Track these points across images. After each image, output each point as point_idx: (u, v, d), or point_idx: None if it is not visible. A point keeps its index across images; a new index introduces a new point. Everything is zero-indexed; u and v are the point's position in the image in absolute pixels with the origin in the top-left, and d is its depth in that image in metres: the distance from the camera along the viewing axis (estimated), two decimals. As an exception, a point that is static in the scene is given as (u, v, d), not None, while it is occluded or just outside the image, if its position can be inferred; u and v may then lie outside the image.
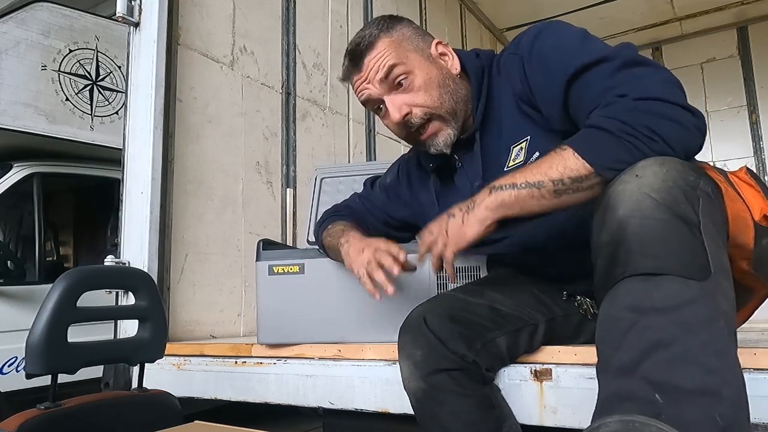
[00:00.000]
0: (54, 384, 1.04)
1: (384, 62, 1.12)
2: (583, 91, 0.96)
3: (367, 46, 1.14)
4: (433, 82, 1.13)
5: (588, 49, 0.99)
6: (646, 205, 0.76)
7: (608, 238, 0.79)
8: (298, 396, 1.44)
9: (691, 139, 0.86)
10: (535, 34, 1.08)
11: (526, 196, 0.91)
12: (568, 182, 0.88)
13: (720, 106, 4.73)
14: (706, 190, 0.81)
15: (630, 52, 0.96)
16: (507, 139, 1.12)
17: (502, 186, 0.93)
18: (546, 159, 0.91)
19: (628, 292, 0.76)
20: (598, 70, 0.95)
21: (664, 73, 0.92)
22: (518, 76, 1.09)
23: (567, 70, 0.98)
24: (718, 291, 0.75)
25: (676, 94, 0.88)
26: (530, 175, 0.91)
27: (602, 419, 0.65)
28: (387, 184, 1.39)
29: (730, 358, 0.72)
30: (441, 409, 1.02)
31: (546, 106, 1.05)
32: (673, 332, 0.71)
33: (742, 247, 0.91)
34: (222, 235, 2.16)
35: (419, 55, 1.15)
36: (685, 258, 0.74)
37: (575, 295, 1.19)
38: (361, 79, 1.15)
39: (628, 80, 0.91)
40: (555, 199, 0.90)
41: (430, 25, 3.81)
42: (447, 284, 1.30)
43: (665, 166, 0.79)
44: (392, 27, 1.16)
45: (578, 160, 0.87)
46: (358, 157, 2.99)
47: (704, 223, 0.77)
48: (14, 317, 2.79)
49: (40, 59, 3.07)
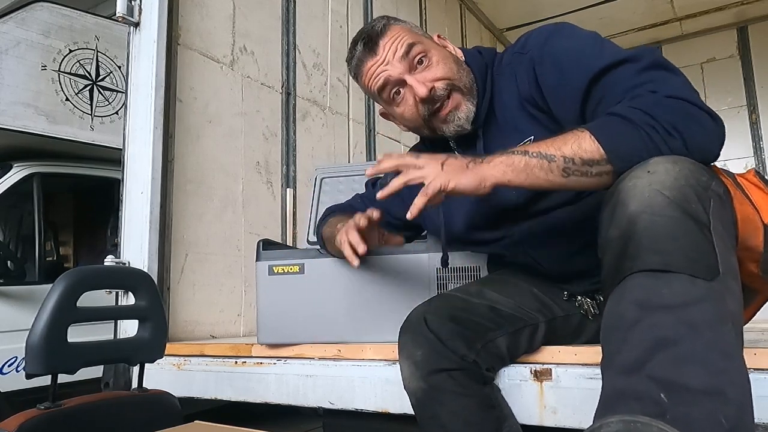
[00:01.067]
0: (54, 384, 1.04)
1: (403, 41, 1.13)
2: (607, 90, 0.95)
3: (381, 29, 1.15)
4: (450, 58, 1.16)
5: (609, 50, 0.99)
6: (657, 201, 0.76)
7: (618, 233, 0.79)
8: (298, 396, 1.44)
9: (710, 145, 0.86)
10: (546, 35, 1.08)
11: (536, 165, 0.88)
12: (579, 163, 0.86)
13: (720, 106, 4.73)
14: (717, 192, 0.81)
15: (655, 55, 0.95)
16: (510, 139, 1.11)
17: (515, 151, 0.92)
18: (561, 136, 0.90)
19: (635, 287, 0.75)
20: (623, 70, 0.95)
21: (686, 80, 0.92)
22: (526, 77, 1.09)
23: (589, 71, 0.97)
24: (726, 292, 0.75)
25: (700, 99, 0.88)
26: (543, 147, 0.89)
27: (604, 419, 0.65)
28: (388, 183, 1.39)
29: (736, 360, 0.72)
30: (441, 409, 1.02)
31: (559, 108, 1.04)
32: (679, 331, 0.70)
33: (751, 249, 0.90)
34: (222, 235, 2.16)
35: (430, 40, 1.19)
36: (694, 257, 0.74)
37: (576, 296, 1.19)
38: (378, 62, 1.14)
39: (655, 79, 0.91)
40: (562, 178, 0.88)
41: (430, 25, 3.81)
42: (447, 284, 1.30)
43: (678, 165, 0.79)
44: (398, 20, 1.19)
45: (593, 143, 0.85)
46: (358, 157, 2.98)
47: (714, 224, 0.77)
48: (14, 317, 2.79)
49: (40, 59, 3.07)
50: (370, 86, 1.17)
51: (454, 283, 1.29)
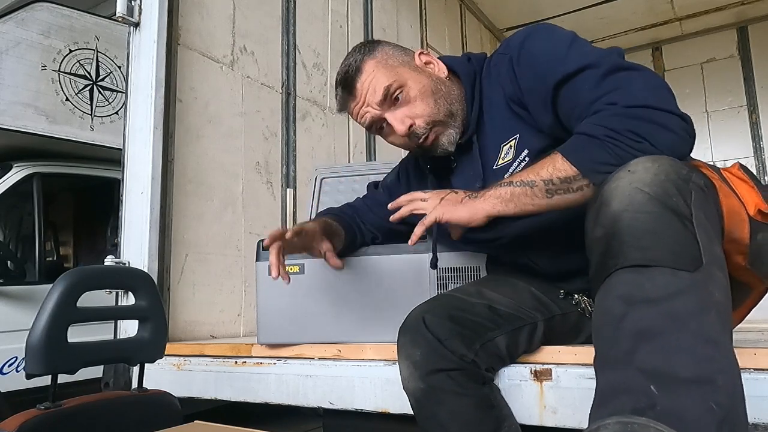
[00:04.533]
0: (54, 384, 1.04)
1: (378, 83, 1.15)
2: (572, 98, 1.00)
3: (355, 71, 1.18)
4: (427, 90, 1.17)
5: (574, 55, 1.01)
6: (638, 199, 0.78)
7: (602, 233, 0.81)
8: (298, 396, 1.44)
9: (680, 142, 0.89)
10: (524, 36, 1.11)
11: (521, 193, 0.96)
12: (558, 182, 0.93)
13: (720, 106, 4.73)
14: (698, 183, 0.82)
15: (615, 58, 0.99)
16: (497, 138, 1.15)
17: (502, 183, 1.00)
18: (538, 163, 0.97)
19: (619, 283, 0.77)
20: (583, 78, 0.98)
21: (651, 78, 0.95)
22: (508, 77, 1.11)
23: (553, 77, 1.01)
24: (710, 281, 0.75)
25: (664, 99, 0.91)
26: (524, 175, 0.97)
27: (601, 420, 0.65)
28: (388, 183, 1.43)
29: (723, 347, 0.72)
30: (440, 408, 1.02)
31: (534, 109, 1.08)
32: (663, 323, 0.72)
33: (737, 242, 0.92)
34: (222, 235, 2.16)
35: (407, 68, 1.19)
36: (676, 249, 0.75)
37: (573, 294, 1.19)
38: (359, 104, 1.19)
39: (614, 87, 0.94)
40: (547, 199, 0.95)
41: (430, 25, 3.81)
42: (446, 284, 1.30)
43: (657, 162, 0.81)
44: (374, 49, 1.20)
45: (565, 163, 0.92)
46: (358, 157, 2.99)
47: (696, 215, 0.78)
48: (14, 317, 2.79)
49: (40, 59, 3.07)
50: (360, 124, 1.23)
51: (454, 283, 1.29)
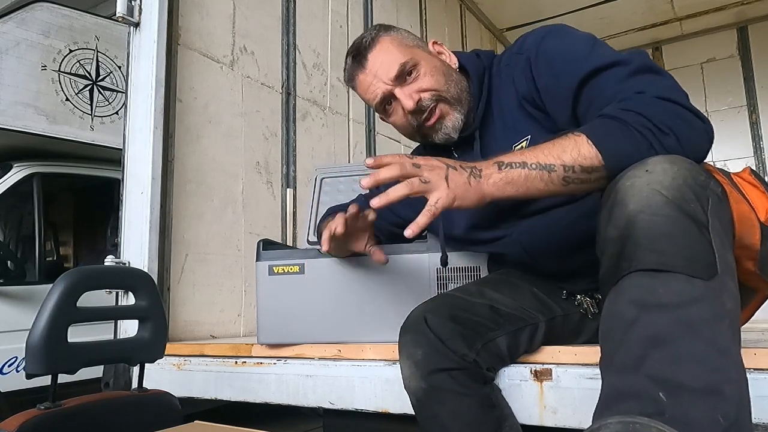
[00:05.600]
0: (54, 384, 1.04)
1: (393, 59, 1.15)
2: (596, 92, 0.98)
3: (369, 42, 1.18)
4: (439, 70, 1.17)
5: (600, 53, 1.01)
6: (655, 201, 0.76)
7: (616, 233, 0.79)
8: (298, 396, 1.44)
9: (701, 143, 0.88)
10: (543, 35, 1.10)
11: (536, 177, 0.87)
12: (579, 170, 0.86)
13: (720, 106, 4.73)
14: (715, 191, 0.81)
15: (644, 59, 0.98)
16: (508, 138, 1.14)
17: (512, 164, 0.89)
18: (559, 142, 0.88)
19: (633, 286, 0.76)
20: (611, 73, 0.97)
21: (675, 83, 0.95)
22: (524, 76, 1.11)
23: (578, 73, 0.99)
24: (724, 291, 0.75)
25: (689, 101, 0.90)
26: (542, 156, 0.87)
27: (603, 419, 0.65)
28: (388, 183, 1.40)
29: (733, 357, 0.72)
30: (441, 408, 1.02)
31: (553, 108, 1.07)
32: (676, 330, 0.71)
33: (748, 248, 0.91)
34: (222, 235, 2.16)
35: (420, 50, 1.20)
36: (692, 256, 0.74)
37: (575, 294, 1.19)
38: (368, 76, 1.18)
39: (643, 82, 0.93)
40: (561, 187, 0.88)
41: (430, 25, 3.81)
42: (447, 284, 1.30)
43: (676, 164, 0.79)
44: (389, 29, 1.21)
45: (592, 148, 0.85)
46: (358, 157, 2.98)
47: (713, 223, 0.77)
48: (14, 317, 2.80)
49: (40, 59, 3.07)
50: (366, 99, 1.22)
51: (454, 283, 1.29)
